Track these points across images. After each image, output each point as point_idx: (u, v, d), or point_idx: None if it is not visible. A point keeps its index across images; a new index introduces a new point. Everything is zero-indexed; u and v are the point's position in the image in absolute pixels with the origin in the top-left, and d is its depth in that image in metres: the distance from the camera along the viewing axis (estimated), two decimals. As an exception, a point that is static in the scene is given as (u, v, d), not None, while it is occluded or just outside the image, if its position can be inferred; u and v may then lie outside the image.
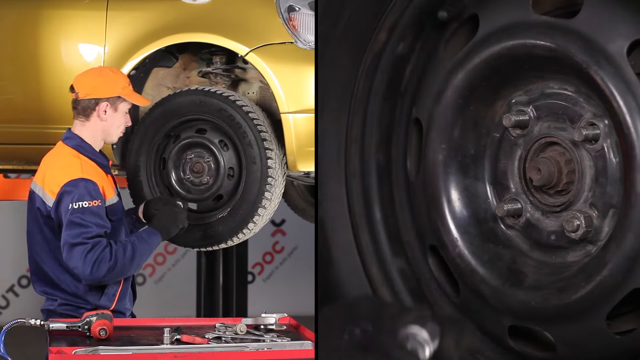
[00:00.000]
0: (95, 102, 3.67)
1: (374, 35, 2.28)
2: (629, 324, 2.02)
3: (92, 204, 3.52)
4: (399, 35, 2.28)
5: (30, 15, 4.38)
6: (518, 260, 2.13)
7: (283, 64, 3.99)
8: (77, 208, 3.51)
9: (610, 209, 2.01)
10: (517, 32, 2.04)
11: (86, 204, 3.52)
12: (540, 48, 2.02)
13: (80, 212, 3.53)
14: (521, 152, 2.15)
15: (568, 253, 2.07)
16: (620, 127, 1.95)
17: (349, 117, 2.32)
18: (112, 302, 3.70)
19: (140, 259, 3.69)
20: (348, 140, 2.32)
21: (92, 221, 3.55)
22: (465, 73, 2.11)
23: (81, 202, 3.52)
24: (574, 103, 2.06)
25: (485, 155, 2.18)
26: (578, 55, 1.98)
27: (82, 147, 3.68)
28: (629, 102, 1.93)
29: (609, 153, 2.01)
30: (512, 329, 2.10)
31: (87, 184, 3.54)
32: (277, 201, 4.10)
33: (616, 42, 1.94)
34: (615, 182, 2.00)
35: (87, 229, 3.53)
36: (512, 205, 2.14)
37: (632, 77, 1.93)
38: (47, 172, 3.64)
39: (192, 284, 6.18)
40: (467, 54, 2.11)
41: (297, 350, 3.12)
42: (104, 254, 3.54)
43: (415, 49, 2.29)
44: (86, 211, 3.53)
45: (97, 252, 3.53)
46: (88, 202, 3.52)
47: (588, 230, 2.02)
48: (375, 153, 2.31)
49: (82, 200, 3.52)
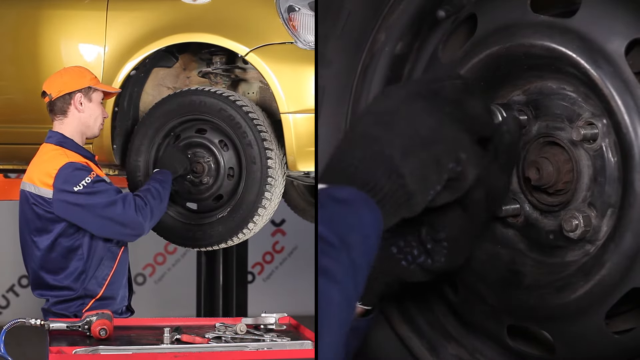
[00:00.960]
0: (69, 96, 3.75)
1: (372, 35, 2.29)
2: (627, 323, 2.02)
3: (92, 176, 3.60)
4: (397, 35, 2.28)
5: (30, 15, 4.39)
6: (516, 260, 2.13)
7: (283, 64, 4.00)
8: (82, 187, 3.59)
9: (609, 208, 2.00)
10: (515, 32, 2.04)
11: (88, 179, 3.60)
12: (538, 48, 2.02)
13: (89, 187, 3.59)
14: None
15: (567, 252, 2.07)
16: (618, 127, 1.94)
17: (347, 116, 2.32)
18: (102, 287, 3.74)
19: (165, 198, 3.81)
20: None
21: (104, 186, 3.63)
22: (464, 72, 2.11)
23: (83, 181, 3.60)
24: (572, 102, 2.06)
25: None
26: (576, 54, 1.97)
27: (65, 142, 3.74)
28: (627, 102, 1.93)
29: (608, 152, 2.01)
30: (510, 328, 2.10)
31: (75, 164, 3.61)
32: (277, 201, 4.10)
33: (614, 42, 1.94)
34: (614, 181, 1.99)
35: (105, 192, 3.62)
36: (510, 205, 2.14)
37: (631, 76, 1.93)
38: (34, 168, 3.68)
39: (192, 284, 6.19)
40: (465, 53, 2.11)
41: (297, 350, 3.13)
42: (138, 202, 3.64)
43: (413, 48, 2.29)
44: (92, 182, 3.60)
45: (131, 202, 3.63)
46: (88, 176, 3.59)
47: (586, 229, 2.02)
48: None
49: (83, 178, 3.59)
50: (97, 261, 3.74)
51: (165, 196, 3.78)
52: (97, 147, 4.21)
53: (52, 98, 3.78)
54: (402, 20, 2.26)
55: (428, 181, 1.69)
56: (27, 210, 3.73)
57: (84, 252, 3.70)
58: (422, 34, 2.28)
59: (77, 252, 3.71)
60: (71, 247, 3.70)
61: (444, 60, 2.17)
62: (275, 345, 3.17)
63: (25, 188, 3.72)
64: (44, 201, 3.65)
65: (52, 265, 3.72)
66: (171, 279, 8.81)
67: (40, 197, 3.66)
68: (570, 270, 2.03)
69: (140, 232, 3.70)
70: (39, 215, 3.68)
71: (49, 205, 3.64)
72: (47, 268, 3.72)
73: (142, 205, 3.64)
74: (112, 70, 4.19)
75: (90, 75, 3.85)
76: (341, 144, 1.73)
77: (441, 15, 2.24)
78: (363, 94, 2.29)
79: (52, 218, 3.66)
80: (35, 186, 3.67)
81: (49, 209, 3.65)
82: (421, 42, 2.28)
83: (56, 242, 3.69)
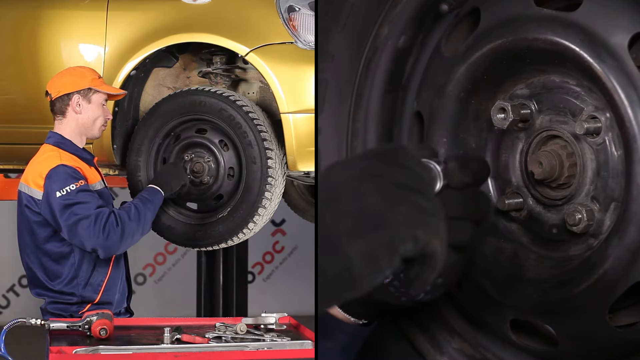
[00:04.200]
0: (67, 97, 3.76)
1: (375, 29, 2.28)
2: (630, 318, 2.02)
3: (79, 184, 3.58)
4: (400, 29, 2.28)
5: (30, 15, 4.39)
6: (519, 254, 2.12)
7: (283, 64, 4.00)
8: (65, 194, 3.57)
9: (612, 202, 2.00)
10: (518, 26, 2.03)
11: (73, 186, 3.57)
12: (541, 41, 2.01)
13: (71, 194, 3.57)
14: (522, 146, 2.15)
15: (570, 247, 2.07)
16: (621, 120, 1.94)
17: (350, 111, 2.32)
18: (98, 294, 3.73)
19: (145, 219, 3.74)
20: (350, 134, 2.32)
21: (86, 197, 3.60)
22: (467, 66, 2.10)
23: (68, 187, 3.57)
24: (575, 96, 2.06)
25: (486, 148, 2.17)
26: (580, 48, 1.97)
27: (62, 143, 3.74)
28: (631, 95, 1.92)
29: (611, 146, 2.00)
30: (513, 322, 2.09)
31: (66, 169, 3.60)
32: (277, 201, 4.10)
33: (618, 35, 1.94)
34: (617, 175, 1.99)
35: (84, 204, 3.58)
36: (513, 199, 2.14)
37: (634, 70, 1.93)
38: (30, 169, 3.69)
39: (192, 284, 6.19)
40: (468, 47, 2.11)
41: (297, 350, 3.13)
42: (110, 221, 3.60)
43: (416, 42, 2.28)
44: (76, 191, 3.58)
45: (102, 221, 3.58)
46: (74, 184, 3.58)
47: (590, 223, 2.02)
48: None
49: (68, 184, 3.57)
50: (89, 267, 3.73)
51: (145, 218, 3.72)
52: (97, 147, 4.21)
53: (52, 98, 3.79)
54: (405, 14, 2.26)
55: (378, 264, 1.58)
56: (23, 211, 3.73)
57: (75, 258, 3.70)
58: (425, 27, 2.27)
59: (69, 258, 3.71)
60: (62, 253, 3.70)
61: (447, 53, 2.16)
62: (276, 345, 3.17)
63: (21, 189, 3.73)
64: (35, 202, 3.65)
65: (46, 268, 3.72)
66: (171, 279, 8.81)
67: (32, 198, 3.66)
68: (574, 265, 2.03)
69: (108, 252, 3.65)
70: (30, 216, 3.69)
71: (38, 206, 3.65)
72: (42, 270, 3.72)
73: (112, 225, 3.59)
74: (112, 70, 4.20)
75: (93, 76, 3.84)
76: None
77: (444, 8, 2.24)
78: (366, 88, 2.29)
79: (41, 221, 3.66)
80: (29, 187, 3.67)
81: (38, 210, 3.65)
82: (424, 35, 2.27)
83: (46, 246, 3.70)
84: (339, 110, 2.30)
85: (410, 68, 2.28)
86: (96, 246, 3.59)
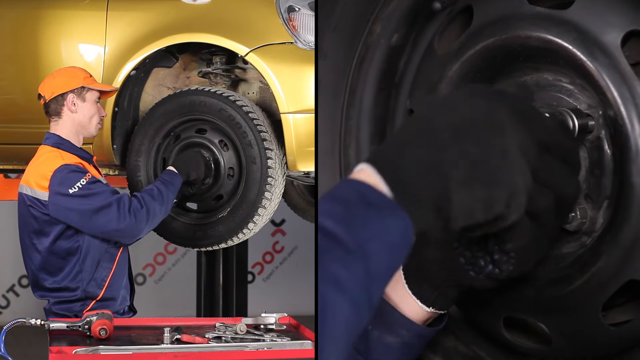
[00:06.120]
0: (62, 97, 3.77)
1: (368, 27, 2.28)
2: (623, 315, 2.01)
3: (87, 177, 3.60)
4: (393, 27, 2.28)
5: (30, 15, 4.41)
6: (513, 252, 2.11)
7: (283, 64, 4.01)
8: (77, 189, 3.58)
9: (605, 200, 2.00)
10: (511, 23, 2.03)
11: (83, 180, 3.60)
12: (534, 39, 2.01)
13: (85, 188, 3.59)
14: (516, 144, 2.14)
15: (563, 244, 2.06)
16: (614, 118, 1.94)
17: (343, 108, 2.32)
18: (102, 289, 3.74)
19: (168, 199, 3.77)
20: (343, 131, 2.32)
21: (100, 187, 3.63)
22: (460, 64, 2.10)
23: (79, 182, 3.60)
24: (568, 94, 2.05)
25: (480, 146, 2.16)
26: (572, 46, 1.97)
27: (61, 143, 3.75)
28: (624, 93, 1.92)
29: (604, 144, 2.00)
30: (507, 320, 2.09)
31: (70, 167, 3.61)
32: (277, 201, 4.10)
33: (611, 33, 1.93)
34: (610, 173, 1.99)
35: (101, 194, 3.62)
36: (507, 197, 2.13)
37: (627, 68, 1.93)
38: (31, 171, 3.70)
39: (192, 284, 6.20)
40: (461, 45, 2.11)
41: (297, 350, 3.13)
42: (134, 204, 3.63)
43: (409, 40, 2.28)
44: (88, 184, 3.60)
45: (125, 205, 3.61)
46: (83, 178, 3.59)
47: (583, 221, 2.02)
48: (369, 145, 2.31)
49: (78, 180, 3.59)
50: (94, 262, 3.74)
51: (168, 199, 3.78)
52: (97, 147, 4.22)
53: (46, 100, 3.80)
54: (397, 12, 2.26)
55: (471, 216, 1.58)
56: (25, 213, 3.74)
57: (81, 254, 3.71)
58: (418, 25, 2.27)
59: (75, 254, 3.72)
60: (70, 249, 3.71)
61: (439, 52, 2.17)
62: (275, 345, 3.17)
63: (23, 191, 3.73)
64: (41, 203, 3.66)
65: (51, 266, 3.73)
66: (171, 279, 8.82)
67: (36, 200, 3.67)
68: (567, 262, 2.02)
69: (135, 235, 3.69)
70: (37, 217, 3.69)
71: (45, 207, 3.65)
72: (46, 269, 3.73)
73: (137, 207, 3.63)
74: (112, 70, 4.21)
75: (84, 74, 3.86)
76: (403, 132, 1.63)
77: (437, 6, 2.24)
78: (359, 86, 2.29)
79: (50, 220, 3.67)
80: (32, 189, 3.68)
81: (45, 211, 3.66)
82: (417, 33, 2.27)
83: (55, 244, 3.70)
84: (332, 108, 2.30)
85: (403, 66, 2.28)
86: (125, 228, 3.61)
